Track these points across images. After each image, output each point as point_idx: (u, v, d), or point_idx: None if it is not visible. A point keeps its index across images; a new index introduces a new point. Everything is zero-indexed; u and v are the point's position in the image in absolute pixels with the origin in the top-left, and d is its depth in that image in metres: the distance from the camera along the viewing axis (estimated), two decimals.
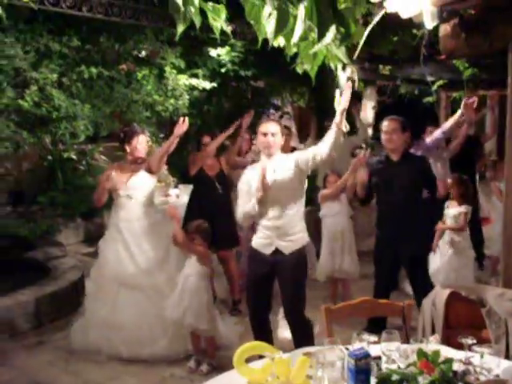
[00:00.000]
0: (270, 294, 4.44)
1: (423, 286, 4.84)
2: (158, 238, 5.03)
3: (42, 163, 8.43)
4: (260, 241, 4.31)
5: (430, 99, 11.85)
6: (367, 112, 10.66)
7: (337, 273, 6.00)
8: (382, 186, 5.10)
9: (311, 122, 9.87)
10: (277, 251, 4.24)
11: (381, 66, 9.20)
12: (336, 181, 5.89)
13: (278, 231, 4.21)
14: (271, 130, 4.20)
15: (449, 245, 5.44)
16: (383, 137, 5.06)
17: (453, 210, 5.48)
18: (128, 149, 5.07)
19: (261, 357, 2.67)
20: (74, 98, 6.29)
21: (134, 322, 4.85)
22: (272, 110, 10.60)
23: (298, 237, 4.25)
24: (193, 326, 4.63)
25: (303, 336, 4.30)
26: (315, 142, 8.43)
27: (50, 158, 8.29)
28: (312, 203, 6.50)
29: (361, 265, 6.10)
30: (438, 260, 5.49)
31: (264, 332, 4.43)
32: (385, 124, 5.06)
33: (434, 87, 9.24)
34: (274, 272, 4.31)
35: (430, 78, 8.59)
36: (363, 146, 9.25)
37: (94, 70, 6.31)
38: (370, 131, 10.64)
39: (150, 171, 5.05)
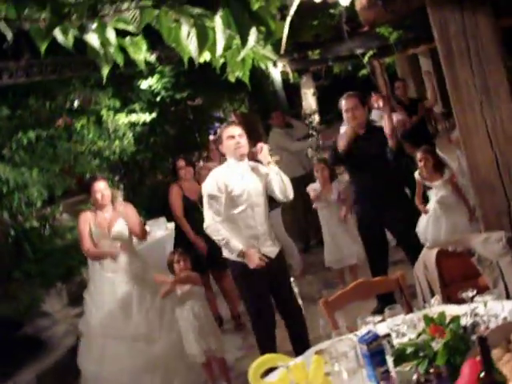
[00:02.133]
0: (272, 304, 4.44)
1: (417, 246, 4.94)
2: (144, 283, 4.98)
3: (5, 240, 8.25)
4: None
5: (364, 71, 12.00)
6: (309, 100, 10.73)
7: (344, 260, 5.94)
8: (355, 162, 5.08)
9: (257, 124, 9.90)
10: (265, 256, 4.23)
11: (309, 52, 9.28)
12: (323, 169, 5.87)
13: (262, 238, 4.23)
14: (237, 132, 4.20)
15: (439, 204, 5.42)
16: (346, 115, 5.01)
17: (437, 183, 5.40)
18: (92, 199, 5.00)
19: (270, 370, 2.63)
20: (20, 167, 6.17)
21: (126, 374, 4.74)
22: (217, 124, 10.61)
23: (276, 239, 4.37)
24: (211, 350, 4.57)
25: (300, 324, 4.41)
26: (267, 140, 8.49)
27: (12, 232, 8.12)
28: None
29: None
30: (426, 219, 5.49)
31: (273, 347, 4.36)
32: (344, 102, 5.01)
33: (366, 59, 9.35)
34: (269, 280, 4.29)
35: (359, 51, 8.70)
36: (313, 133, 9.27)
37: (31, 134, 6.21)
38: (316, 118, 10.71)
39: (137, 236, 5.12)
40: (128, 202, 5.32)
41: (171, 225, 7.33)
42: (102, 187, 4.94)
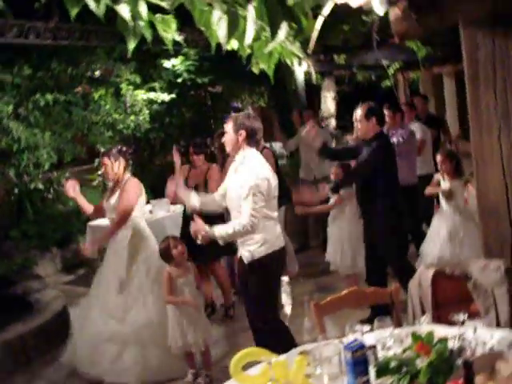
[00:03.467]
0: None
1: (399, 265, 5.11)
2: (131, 261, 4.99)
3: (8, 197, 8.28)
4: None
5: (387, 83, 11.98)
6: (328, 103, 10.73)
7: (353, 268, 5.87)
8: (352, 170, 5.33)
9: (274, 120, 9.89)
10: (241, 258, 4.12)
11: (336, 56, 9.26)
12: (339, 174, 5.71)
13: (238, 240, 4.08)
14: (225, 128, 4.13)
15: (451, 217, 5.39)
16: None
17: (449, 184, 5.37)
18: None
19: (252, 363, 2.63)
20: (33, 127, 6.18)
21: (97, 341, 4.86)
22: (234, 114, 10.61)
23: (255, 247, 4.00)
24: (197, 343, 4.59)
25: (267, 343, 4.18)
26: (281, 140, 8.53)
27: (16, 191, 8.16)
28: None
29: None
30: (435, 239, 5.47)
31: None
32: (355, 112, 5.17)
33: (391, 71, 9.32)
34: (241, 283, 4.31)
35: (385, 62, 8.66)
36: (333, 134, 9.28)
37: (49, 97, 6.22)
38: (333, 122, 10.71)
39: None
40: (135, 178, 5.31)
41: (176, 207, 7.33)
42: (105, 163, 5.02)
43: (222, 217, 5.50)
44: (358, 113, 5.10)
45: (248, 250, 4.02)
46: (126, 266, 4.95)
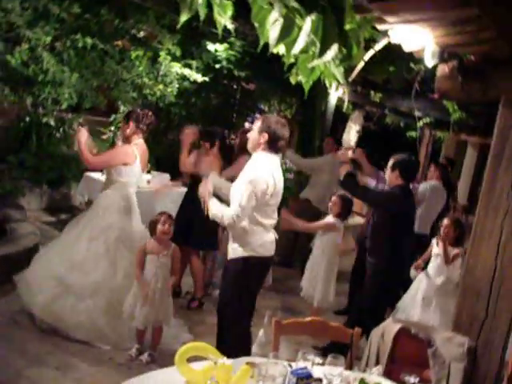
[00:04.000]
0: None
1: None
2: (99, 220, 5.04)
3: (18, 123, 8.27)
4: None
5: (413, 134, 11.99)
6: (351, 135, 10.73)
7: (311, 298, 5.85)
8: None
9: (293, 134, 9.88)
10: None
11: (372, 93, 9.28)
12: (336, 204, 5.72)
13: (222, 224, 4.19)
14: (252, 126, 4.17)
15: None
16: None
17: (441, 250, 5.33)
18: None
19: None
20: (64, 65, 6.15)
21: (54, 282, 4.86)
22: (258, 115, 10.63)
23: (236, 246, 4.04)
24: (156, 321, 4.61)
25: (225, 344, 4.08)
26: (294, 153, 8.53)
27: (27, 119, 8.15)
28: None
29: None
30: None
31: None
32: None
33: (420, 123, 9.32)
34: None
35: (418, 114, 8.67)
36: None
37: (89, 41, 6.20)
38: (350, 153, 10.71)
39: None
40: (142, 145, 5.32)
41: (175, 186, 7.34)
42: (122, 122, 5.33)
43: None
44: (388, 162, 5.22)
45: (232, 248, 4.06)
46: (97, 227, 5.00)
